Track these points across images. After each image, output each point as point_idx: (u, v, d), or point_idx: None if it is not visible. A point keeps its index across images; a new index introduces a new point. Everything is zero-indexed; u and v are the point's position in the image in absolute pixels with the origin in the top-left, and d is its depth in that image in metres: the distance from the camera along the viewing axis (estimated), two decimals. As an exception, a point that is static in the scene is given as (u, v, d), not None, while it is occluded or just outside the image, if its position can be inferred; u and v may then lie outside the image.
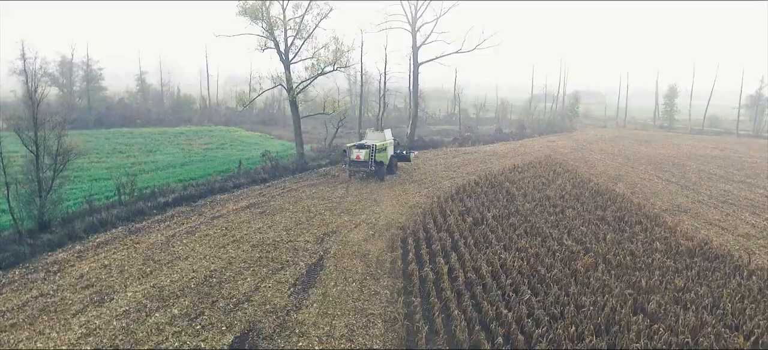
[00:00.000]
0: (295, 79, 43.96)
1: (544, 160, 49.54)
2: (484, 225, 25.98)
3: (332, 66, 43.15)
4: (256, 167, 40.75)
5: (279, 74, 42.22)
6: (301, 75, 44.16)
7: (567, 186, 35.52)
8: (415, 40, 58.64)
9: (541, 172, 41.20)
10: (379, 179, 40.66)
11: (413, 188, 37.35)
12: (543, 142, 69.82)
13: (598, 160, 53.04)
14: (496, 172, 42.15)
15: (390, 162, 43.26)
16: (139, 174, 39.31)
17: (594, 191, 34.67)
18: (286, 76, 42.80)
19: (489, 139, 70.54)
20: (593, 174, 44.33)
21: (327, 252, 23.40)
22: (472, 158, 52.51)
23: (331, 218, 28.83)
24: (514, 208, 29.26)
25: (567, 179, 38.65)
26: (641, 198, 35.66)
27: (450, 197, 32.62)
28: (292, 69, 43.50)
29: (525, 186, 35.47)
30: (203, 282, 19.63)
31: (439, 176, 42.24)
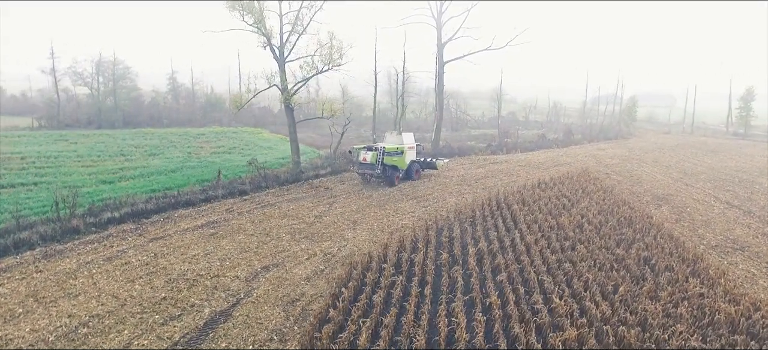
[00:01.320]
0: (291, 79, 39.87)
1: (579, 173, 42.76)
2: (459, 265, 20.55)
3: (327, 65, 38.62)
4: (242, 177, 36.91)
5: (273, 73, 38.12)
6: (298, 75, 40.02)
7: (591, 211, 29.17)
8: (441, 37, 53.10)
9: (567, 190, 34.82)
10: (389, 184, 38.02)
11: (409, 206, 32.18)
12: (590, 150, 62.28)
13: (647, 174, 45.55)
14: (514, 188, 36.13)
15: (410, 168, 40.17)
16: (117, 181, 36.64)
17: (623, 219, 28.17)
18: (281, 75, 38.69)
19: (529, 146, 63.80)
20: (634, 192, 37.41)
21: (250, 293, 18.88)
22: (498, 169, 46.45)
23: (287, 245, 24.29)
24: (510, 241, 23.56)
25: (596, 201, 32.16)
26: (686, 228, 28.82)
27: (442, 221, 27.23)
28: (287, 68, 39.38)
29: (539, 209, 29.44)
30: (66, 335, 15.62)
31: (448, 191, 36.79)
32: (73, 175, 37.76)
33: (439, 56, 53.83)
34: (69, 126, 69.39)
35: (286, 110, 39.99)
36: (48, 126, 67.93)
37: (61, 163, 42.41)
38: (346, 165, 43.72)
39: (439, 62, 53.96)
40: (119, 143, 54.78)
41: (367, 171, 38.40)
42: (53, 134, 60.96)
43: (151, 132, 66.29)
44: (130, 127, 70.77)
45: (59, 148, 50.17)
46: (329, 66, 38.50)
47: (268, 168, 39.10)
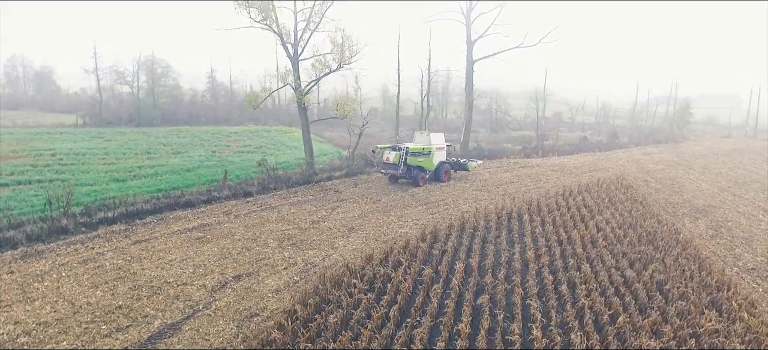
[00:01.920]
0: (305, 78, 38.85)
1: (613, 180, 39.49)
2: (440, 283, 18.66)
3: (339, 64, 37.27)
4: (251, 178, 36.17)
5: (287, 70, 37.15)
6: (311, 74, 38.94)
7: (610, 224, 26.41)
8: (470, 34, 50.68)
9: (591, 199, 31.97)
10: (414, 185, 37.34)
11: (416, 212, 30.35)
12: (635, 155, 58.09)
13: (691, 182, 41.68)
14: (534, 196, 33.57)
15: (438, 168, 39.21)
16: (129, 179, 36.74)
17: (646, 234, 25.29)
18: (294, 74, 37.70)
19: (569, 149, 60.27)
20: (671, 203, 34.07)
21: (210, 305, 17.75)
22: (527, 174, 43.70)
23: (271, 252, 23.10)
24: (507, 257, 21.40)
25: (620, 212, 29.23)
26: (722, 246, 25.65)
27: (443, 230, 25.27)
28: (301, 67, 38.34)
29: (552, 220, 26.94)
30: (4, 343, 14.97)
31: (464, 196, 34.66)
32: (89, 172, 38.21)
33: (468, 54, 51.47)
34: (111, 123, 71.54)
35: (299, 109, 39.02)
36: (91, 123, 70.30)
37: (86, 161, 43.19)
38: (363, 167, 42.33)
39: (468, 60, 51.57)
40: (151, 141, 55.65)
41: (390, 171, 37.79)
42: (92, 131, 62.87)
43: (186, 130, 67.31)
44: (169, 124, 72.22)
45: (91, 145, 51.40)
46: (340, 64, 37.15)
47: (279, 169, 38.25)
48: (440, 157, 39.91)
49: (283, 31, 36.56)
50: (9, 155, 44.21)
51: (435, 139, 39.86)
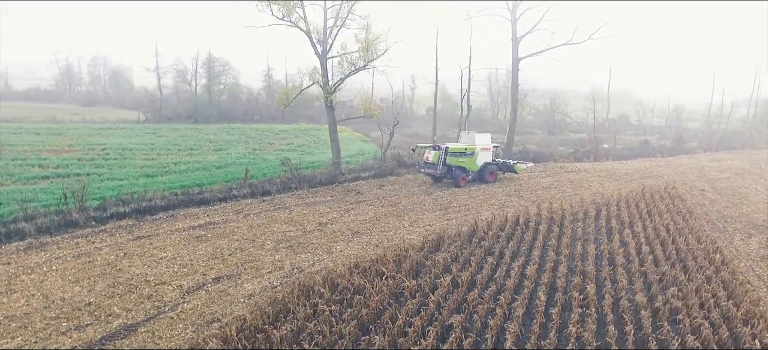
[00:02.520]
0: (339, 76, 38.24)
1: (661, 188, 35.99)
2: (417, 297, 17.22)
3: (363, 61, 36.28)
4: (275, 177, 35.99)
5: (315, 68, 36.71)
6: (338, 72, 38.24)
7: (637, 239, 23.65)
8: (516, 31, 48.06)
9: (628, 210, 29.07)
10: (455, 185, 36.99)
11: (432, 218, 28.81)
12: (702, 161, 53.11)
13: (757, 194, 37.31)
14: (569, 203, 31.01)
15: (483, 170, 38.62)
16: (160, 174, 37.70)
17: (678, 251, 22.42)
18: (322, 71, 37.18)
19: (627, 154, 56.23)
20: (724, 216, 30.51)
21: (177, 306, 17.35)
22: (570, 179, 40.88)
23: (263, 254, 22.53)
24: (503, 272, 19.57)
25: (655, 225, 26.16)
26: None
27: (449, 239, 23.64)
28: (330, 64, 37.79)
29: (572, 232, 24.63)
30: (-35, 336, 15.24)
31: (490, 202, 32.75)
32: (126, 167, 39.58)
33: (513, 52, 48.86)
34: (170, 120, 74.73)
35: (327, 108, 38.42)
36: (152, 120, 73.72)
37: (129, 156, 44.97)
38: (394, 167, 41.17)
39: (513, 59, 48.98)
40: (199, 137, 57.34)
41: (429, 170, 37.65)
42: (150, 128, 65.87)
43: (238, 127, 69.06)
44: (224, 122, 74.41)
45: (142, 141, 53.62)
46: (366, 62, 36.19)
47: (303, 168, 37.89)
48: (485, 157, 38.96)
49: (311, 28, 36.09)
50: (64, 149, 46.92)
51: (480, 140, 38.97)
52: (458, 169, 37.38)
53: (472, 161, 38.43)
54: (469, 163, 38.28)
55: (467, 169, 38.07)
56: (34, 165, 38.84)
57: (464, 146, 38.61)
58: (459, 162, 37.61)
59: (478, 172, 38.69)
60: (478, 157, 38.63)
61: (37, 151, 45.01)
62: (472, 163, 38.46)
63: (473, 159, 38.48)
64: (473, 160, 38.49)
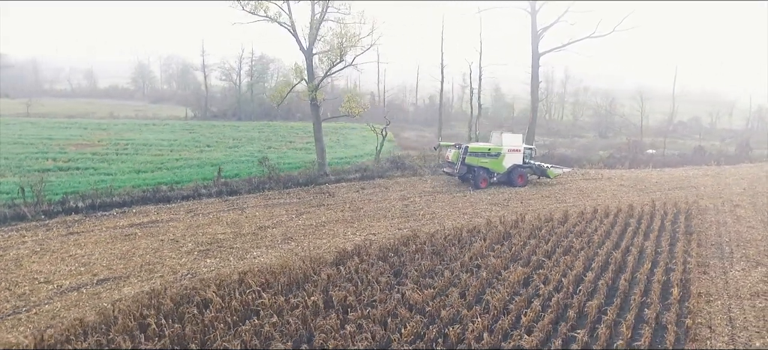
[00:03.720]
0: (320, 73, 37.07)
1: (682, 202, 31.46)
2: (257, 318, 15.60)
3: (339, 57, 34.66)
4: (252, 177, 35.39)
5: (297, 65, 35.82)
6: (323, 69, 36.96)
7: (587, 264, 20.33)
8: (535, 24, 44.13)
9: (617, 225, 25.36)
10: (474, 187, 35.91)
11: (388, 225, 26.77)
12: (763, 171, 46.04)
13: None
14: (554, 214, 27.72)
15: (511, 172, 37.01)
16: (152, 171, 38.32)
17: (627, 280, 18.91)
18: (308, 67, 36.12)
19: (674, 160, 50.38)
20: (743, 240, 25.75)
21: (34, 308, 16.91)
22: (584, 187, 37.18)
23: (173, 256, 21.74)
24: (372, 293, 17.38)
25: (626, 247, 22.51)
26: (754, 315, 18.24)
27: (373, 251, 21.61)
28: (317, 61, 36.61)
29: (512, 249, 21.69)
30: None
31: (465, 211, 30.06)
32: (127, 162, 40.78)
33: (533, 47, 44.94)
34: (216, 116, 77.36)
35: (311, 106, 37.27)
36: (200, 116, 76.67)
37: (144, 151, 46.56)
38: (387, 169, 39.27)
39: (533, 54, 45.07)
40: (226, 134, 58.63)
41: (448, 170, 37.41)
42: (190, 124, 68.46)
43: (274, 125, 69.99)
44: (267, 119, 75.71)
45: (169, 136, 55.56)
46: (341, 57, 34.57)
47: (290, 169, 37.12)
48: (514, 159, 37.13)
49: (296, 24, 35.16)
50: (91, 143, 49.50)
51: (508, 141, 37.37)
52: (481, 169, 36.04)
53: (497, 162, 36.70)
54: (495, 165, 36.65)
55: (492, 171, 36.58)
56: (49, 158, 41.11)
57: (488, 146, 37.16)
58: (481, 162, 36.24)
59: (505, 175, 36.95)
60: (505, 159, 36.81)
61: (65, 145, 47.79)
62: (498, 164, 36.75)
63: (499, 160, 36.72)
64: (499, 161, 36.73)
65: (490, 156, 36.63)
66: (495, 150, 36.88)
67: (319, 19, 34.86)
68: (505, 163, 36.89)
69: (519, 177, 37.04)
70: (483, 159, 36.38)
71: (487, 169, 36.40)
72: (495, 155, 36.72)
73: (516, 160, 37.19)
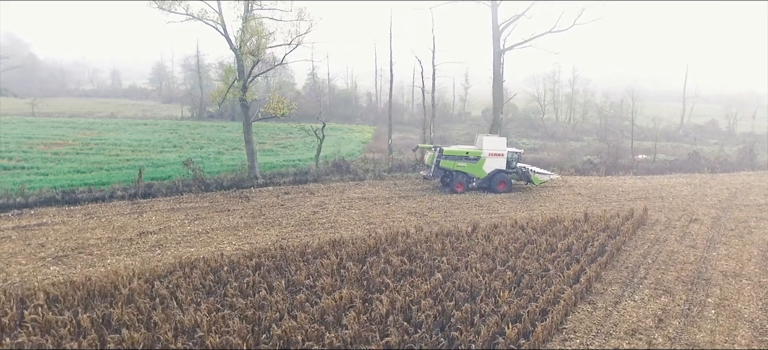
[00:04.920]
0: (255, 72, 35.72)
1: (626, 214, 28.18)
2: None
3: (252, 55, 33.05)
4: (177, 179, 34.32)
5: (224, 64, 34.54)
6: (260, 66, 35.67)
7: (406, 290, 17.97)
8: (496, 19, 41.17)
9: (515, 240, 22.72)
10: (449, 190, 34.53)
11: (269, 234, 25.10)
12: (759, 181, 41.50)
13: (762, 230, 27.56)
14: (449, 228, 25.30)
15: (491, 178, 34.97)
16: (90, 171, 37.98)
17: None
18: (238, 65, 34.81)
19: (662, 167, 46.30)
20: (658, 262, 22.60)
21: None
22: (532, 197, 34.17)
23: (25, 262, 20.73)
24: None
25: (483, 257, 19.94)
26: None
27: (199, 267, 19.99)
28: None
29: (319, 276, 19.53)
30: None
31: (371, 221, 27.89)
32: (74, 162, 40.69)
33: (494, 43, 41.92)
34: (212, 117, 77.54)
35: (242, 107, 35.87)
36: (193, 117, 77.02)
37: (107, 150, 46.65)
38: (324, 174, 37.34)
39: (494, 51, 42.05)
40: (202, 134, 58.36)
41: (424, 173, 36.14)
42: (179, 124, 68.83)
43: (263, 126, 69.21)
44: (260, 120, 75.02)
45: (146, 137, 55.73)
46: (257, 56, 32.95)
47: (213, 172, 35.99)
48: (496, 164, 35.02)
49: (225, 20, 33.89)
50: (64, 142, 50.08)
51: (489, 144, 35.31)
52: (461, 174, 34.55)
53: (477, 167, 34.81)
54: (473, 169, 34.79)
55: (472, 175, 34.80)
56: (3, 157, 41.55)
57: (466, 149, 35.47)
58: (458, 167, 34.60)
59: (486, 180, 34.99)
60: (485, 163, 34.82)
61: (35, 144, 48.45)
62: (478, 168, 34.83)
63: (479, 164, 34.80)
64: (479, 165, 34.81)
65: (468, 160, 34.74)
66: (473, 153, 34.90)
67: (246, 17, 33.45)
68: (485, 168, 34.84)
69: (500, 183, 34.88)
70: (460, 163, 34.63)
71: (465, 173, 34.63)
72: (474, 159, 34.76)
73: (498, 165, 34.97)
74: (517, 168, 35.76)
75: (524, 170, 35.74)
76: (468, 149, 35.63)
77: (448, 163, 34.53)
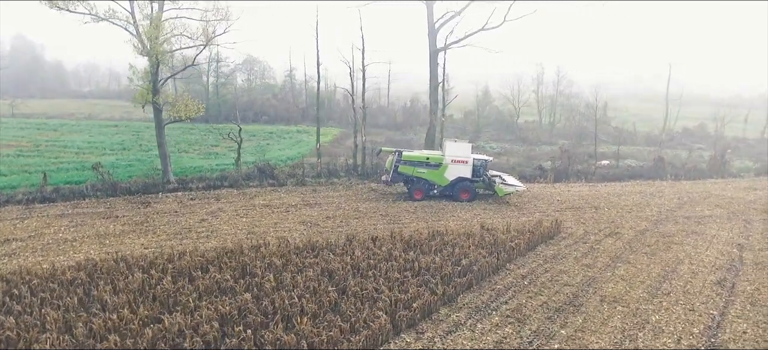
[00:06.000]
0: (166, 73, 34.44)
1: (534, 224, 25.93)
2: None
3: (156, 58, 31.57)
4: (86, 183, 33.18)
5: (132, 66, 33.24)
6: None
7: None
8: (432, 17, 39.04)
9: (360, 255, 20.82)
10: (409, 197, 33.01)
11: (136, 242, 23.66)
12: (701, 189, 38.54)
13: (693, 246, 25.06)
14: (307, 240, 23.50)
15: (454, 185, 32.93)
16: (11, 174, 37.19)
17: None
18: (151, 68, 33.46)
19: (626, 174, 43.67)
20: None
21: None
22: (442, 207, 32.07)
23: None
24: None
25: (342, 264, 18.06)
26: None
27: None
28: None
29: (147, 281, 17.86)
30: None
31: (253, 227, 26.25)
32: (3, 164, 39.96)
33: (430, 43, 39.78)
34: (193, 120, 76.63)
35: (154, 110, 34.48)
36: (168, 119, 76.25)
37: (49, 153, 45.93)
38: (239, 179, 35.62)
39: (430, 51, 39.90)
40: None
41: (385, 177, 34.10)
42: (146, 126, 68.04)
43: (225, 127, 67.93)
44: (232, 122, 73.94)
45: (103, 138, 55.14)
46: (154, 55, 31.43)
47: (125, 177, 34.77)
48: (459, 171, 32.87)
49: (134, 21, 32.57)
50: (18, 144, 49.56)
51: (452, 150, 33.19)
52: (421, 181, 32.80)
53: (438, 174, 32.80)
54: (435, 176, 32.82)
55: (433, 182, 32.88)
56: None
57: (426, 155, 33.54)
58: (418, 173, 32.76)
59: (448, 188, 32.96)
60: (447, 170, 32.73)
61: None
62: (439, 176, 32.82)
63: (440, 171, 32.77)
64: (440, 172, 32.78)
65: (428, 166, 32.76)
66: (434, 159, 32.91)
67: (157, 16, 32.14)
68: (447, 175, 32.74)
69: (463, 191, 32.81)
70: (420, 169, 32.74)
71: (426, 180, 32.78)
72: (434, 165, 32.74)
73: (462, 172, 32.76)
74: (485, 176, 33.36)
75: (488, 180, 33.34)
76: (428, 155, 33.69)
77: (407, 168, 32.75)
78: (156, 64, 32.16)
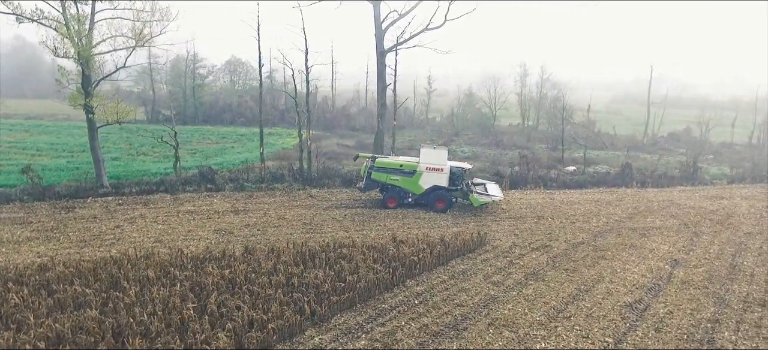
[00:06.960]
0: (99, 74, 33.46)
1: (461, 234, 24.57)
2: None
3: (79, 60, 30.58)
4: (15, 187, 32.47)
5: (62, 68, 32.19)
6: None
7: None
8: (379, 18, 37.72)
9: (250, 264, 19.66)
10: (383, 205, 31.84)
11: (27, 249, 22.76)
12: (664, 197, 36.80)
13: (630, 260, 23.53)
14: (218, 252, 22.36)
15: (428, 194, 31.54)
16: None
17: None
18: (83, 70, 32.48)
19: (591, 181, 41.92)
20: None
21: None
22: (374, 216, 30.80)
23: None
24: None
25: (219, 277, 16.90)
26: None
27: None
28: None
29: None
30: None
31: (165, 234, 25.22)
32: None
33: (377, 42, 38.45)
34: (168, 120, 76.05)
35: (86, 114, 33.43)
36: (149, 120, 75.88)
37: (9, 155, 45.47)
38: (177, 183, 34.68)
39: (377, 52, 38.58)
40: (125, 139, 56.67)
41: (359, 184, 33.03)
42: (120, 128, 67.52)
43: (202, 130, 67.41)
44: (210, 123, 73.34)
45: (70, 141, 54.60)
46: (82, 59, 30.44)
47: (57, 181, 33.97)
48: (435, 180, 31.40)
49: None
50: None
51: (427, 157, 31.67)
52: (394, 188, 31.53)
53: (412, 182, 31.42)
54: (409, 184, 31.47)
55: (405, 190, 31.55)
56: None
57: (400, 162, 32.02)
58: (392, 180, 31.41)
59: (423, 196, 31.58)
60: (422, 178, 31.34)
61: None
62: (413, 184, 31.45)
63: (414, 179, 31.38)
64: (414, 180, 31.39)
65: (402, 173, 31.34)
66: (408, 167, 31.42)
67: (88, 18, 31.27)
68: (421, 183, 31.32)
69: (438, 200, 31.43)
70: (393, 176, 31.35)
71: (401, 188, 31.47)
72: (409, 173, 31.30)
73: (438, 181, 31.27)
74: (463, 184, 31.99)
75: (467, 188, 31.98)
76: (402, 161, 32.22)
77: (380, 175, 31.41)
78: (86, 68, 31.20)
